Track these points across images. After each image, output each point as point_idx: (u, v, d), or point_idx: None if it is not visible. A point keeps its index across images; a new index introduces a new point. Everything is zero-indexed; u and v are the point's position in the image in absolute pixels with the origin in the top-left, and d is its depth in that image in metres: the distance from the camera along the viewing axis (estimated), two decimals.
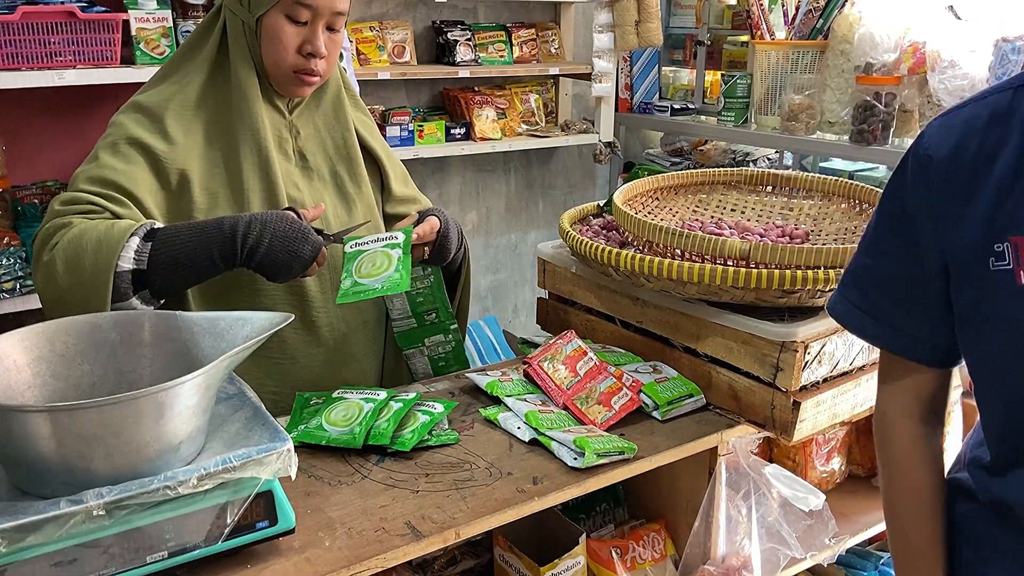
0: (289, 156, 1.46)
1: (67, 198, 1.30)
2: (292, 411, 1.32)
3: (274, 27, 1.35)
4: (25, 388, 0.99)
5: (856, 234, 1.56)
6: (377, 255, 1.33)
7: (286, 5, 1.34)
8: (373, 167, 1.58)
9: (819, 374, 1.29)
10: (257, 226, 1.26)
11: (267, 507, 0.96)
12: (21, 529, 0.81)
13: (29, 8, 2.17)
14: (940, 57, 2.81)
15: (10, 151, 2.52)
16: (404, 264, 1.31)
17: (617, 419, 1.28)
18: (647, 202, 1.67)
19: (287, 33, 1.35)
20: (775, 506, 1.34)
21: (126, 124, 1.36)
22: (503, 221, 3.94)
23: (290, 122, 1.46)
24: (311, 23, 1.36)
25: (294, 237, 1.27)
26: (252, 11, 1.36)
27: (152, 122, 1.36)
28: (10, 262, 2.25)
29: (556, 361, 1.36)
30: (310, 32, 1.36)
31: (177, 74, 1.41)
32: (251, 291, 1.39)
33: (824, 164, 3.85)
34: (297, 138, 1.47)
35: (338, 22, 1.39)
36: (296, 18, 1.35)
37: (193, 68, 1.41)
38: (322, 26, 1.37)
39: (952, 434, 1.63)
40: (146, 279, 1.23)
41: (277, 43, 1.36)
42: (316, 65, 1.38)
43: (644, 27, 3.45)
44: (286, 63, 1.37)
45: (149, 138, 1.34)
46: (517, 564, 1.29)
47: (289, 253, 1.27)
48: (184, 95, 1.39)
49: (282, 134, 1.44)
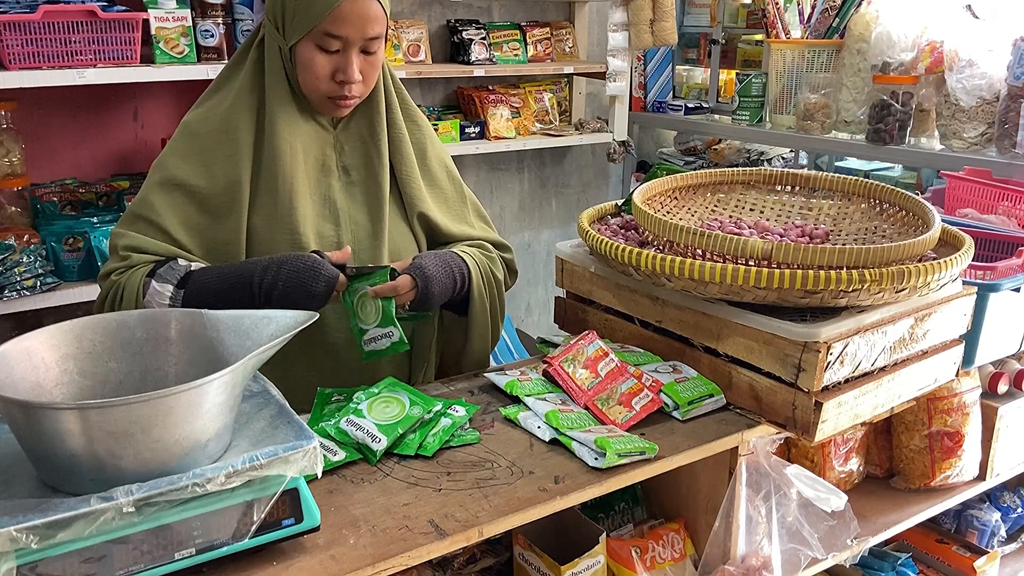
0: (332, 171, 1.48)
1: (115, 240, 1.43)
2: (313, 407, 1.32)
3: (306, 56, 1.38)
4: (53, 386, 1.00)
5: (877, 234, 1.56)
6: (367, 300, 1.38)
7: (316, 35, 1.36)
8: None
9: (841, 375, 1.29)
10: (272, 270, 1.32)
11: (293, 504, 0.96)
12: (52, 526, 0.82)
13: (50, 7, 2.19)
14: (958, 56, 2.79)
15: (30, 149, 2.54)
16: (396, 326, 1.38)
17: (638, 419, 1.28)
18: (666, 201, 1.67)
19: (318, 62, 1.38)
20: (795, 506, 1.33)
21: (173, 162, 1.42)
22: (516, 220, 3.94)
23: (335, 136, 1.48)
24: (343, 51, 1.38)
25: (306, 277, 1.31)
26: (287, 39, 1.39)
27: (196, 153, 1.41)
28: (30, 260, 2.27)
29: (577, 363, 1.36)
30: (343, 60, 1.37)
31: (222, 93, 1.46)
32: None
33: (839, 163, 3.83)
34: (342, 153, 1.49)
35: (373, 45, 1.39)
36: (327, 48, 1.37)
37: (235, 87, 1.44)
38: (355, 52, 1.38)
39: (970, 435, 1.63)
40: None
41: (309, 72, 1.39)
42: (350, 90, 1.40)
43: (659, 26, 3.45)
44: (319, 91, 1.40)
45: (191, 175, 1.41)
46: (537, 563, 1.29)
47: (303, 293, 1.31)
48: (222, 114, 1.43)
49: (326, 151, 1.47)
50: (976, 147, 2.84)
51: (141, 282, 1.35)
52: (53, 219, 2.45)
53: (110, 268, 1.40)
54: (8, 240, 2.24)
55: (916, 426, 1.63)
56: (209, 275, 1.36)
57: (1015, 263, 1.64)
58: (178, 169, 1.41)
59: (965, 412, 1.61)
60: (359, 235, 1.50)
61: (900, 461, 1.69)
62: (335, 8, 1.33)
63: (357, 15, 1.34)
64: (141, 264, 1.38)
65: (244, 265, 1.36)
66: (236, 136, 1.42)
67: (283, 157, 1.41)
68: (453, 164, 1.66)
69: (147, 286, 1.35)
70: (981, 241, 1.74)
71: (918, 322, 1.38)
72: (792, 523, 1.34)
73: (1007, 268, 1.62)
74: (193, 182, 1.40)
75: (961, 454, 1.63)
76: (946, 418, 1.60)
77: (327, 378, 1.44)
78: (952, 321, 1.45)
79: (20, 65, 2.20)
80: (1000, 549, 1.91)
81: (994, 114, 2.77)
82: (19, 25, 2.17)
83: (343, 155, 1.49)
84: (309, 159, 1.45)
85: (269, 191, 1.42)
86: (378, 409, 1.24)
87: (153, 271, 1.36)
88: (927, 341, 1.42)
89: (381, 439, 1.18)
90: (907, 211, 1.53)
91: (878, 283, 1.22)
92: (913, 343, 1.39)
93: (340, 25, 1.34)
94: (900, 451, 1.68)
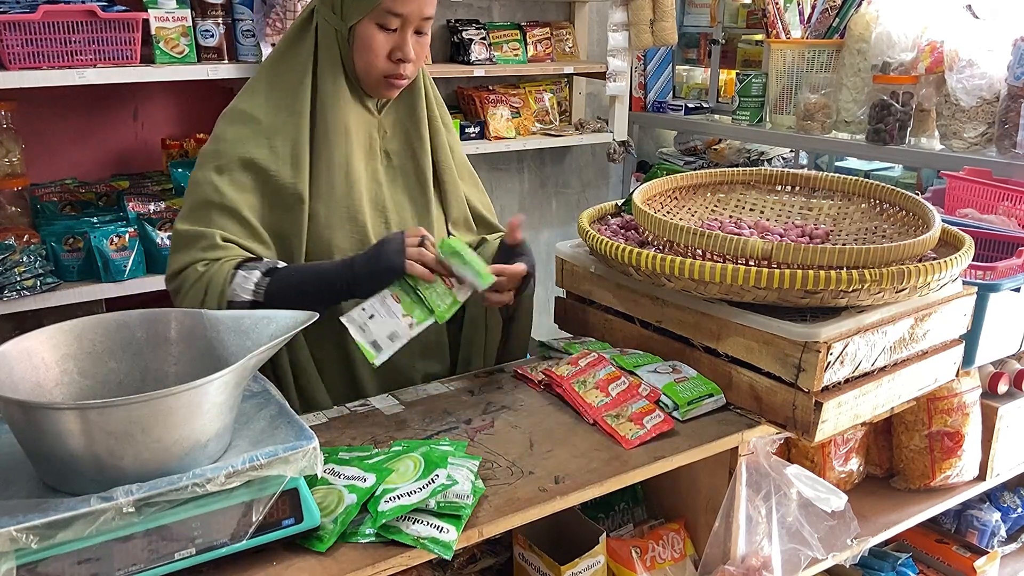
0: (376, 154, 1.52)
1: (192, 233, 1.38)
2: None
3: (366, 35, 1.41)
4: (53, 386, 1.00)
5: (877, 234, 1.56)
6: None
7: (378, 14, 1.40)
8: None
9: (841, 375, 1.29)
10: (350, 273, 1.33)
11: (292, 504, 0.96)
12: (52, 526, 0.82)
13: (50, 7, 2.18)
14: (958, 56, 2.79)
15: (30, 149, 2.54)
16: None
17: (648, 437, 1.26)
18: (666, 202, 1.67)
19: (378, 40, 1.41)
20: (795, 506, 1.33)
21: (235, 141, 1.42)
22: None
23: (379, 121, 1.52)
24: (400, 30, 1.42)
25: (379, 257, 1.32)
26: (345, 20, 1.42)
27: (262, 137, 1.42)
28: (30, 260, 2.27)
29: (588, 384, 1.36)
30: (400, 39, 1.42)
31: (277, 81, 1.47)
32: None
33: (840, 163, 3.83)
34: (384, 137, 1.53)
35: (425, 26, 1.45)
36: (387, 26, 1.41)
37: (290, 74, 1.46)
38: (411, 31, 1.42)
39: (970, 435, 1.63)
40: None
41: (368, 50, 1.42)
42: (404, 69, 1.44)
43: (659, 26, 3.45)
44: (377, 69, 1.43)
45: (258, 154, 1.41)
46: (537, 563, 1.29)
47: (385, 270, 1.32)
48: (284, 102, 1.44)
49: (372, 135, 1.51)
50: (976, 147, 2.84)
51: (228, 273, 1.34)
52: (53, 219, 2.44)
53: (191, 259, 1.37)
54: (8, 240, 2.24)
55: (916, 426, 1.63)
56: (292, 271, 1.38)
57: (1015, 263, 1.64)
58: (248, 151, 1.41)
59: (965, 412, 1.61)
60: (404, 216, 1.54)
61: (900, 461, 1.69)
62: None
63: None
64: (227, 259, 1.37)
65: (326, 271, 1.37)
66: (298, 123, 1.44)
67: (338, 138, 1.45)
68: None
69: (233, 276, 1.34)
70: (981, 241, 1.74)
71: (918, 322, 1.38)
72: (792, 523, 1.34)
73: (1007, 268, 1.62)
74: (265, 165, 1.41)
75: (961, 454, 1.63)
76: (946, 418, 1.60)
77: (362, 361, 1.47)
78: (952, 321, 1.45)
79: (20, 65, 2.20)
80: (1000, 549, 1.91)
81: (994, 114, 2.77)
82: (19, 25, 2.16)
83: (386, 139, 1.53)
84: (360, 141, 1.49)
85: (326, 172, 1.45)
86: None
87: (240, 264, 1.36)
88: (927, 341, 1.42)
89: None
90: (907, 211, 1.53)
91: (878, 283, 1.22)
92: (913, 343, 1.39)
93: (402, 3, 1.38)
94: (900, 451, 1.68)
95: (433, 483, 1.04)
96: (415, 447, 1.14)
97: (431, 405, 1.38)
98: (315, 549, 0.98)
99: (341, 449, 1.19)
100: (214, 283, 1.34)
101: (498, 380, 1.48)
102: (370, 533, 1.00)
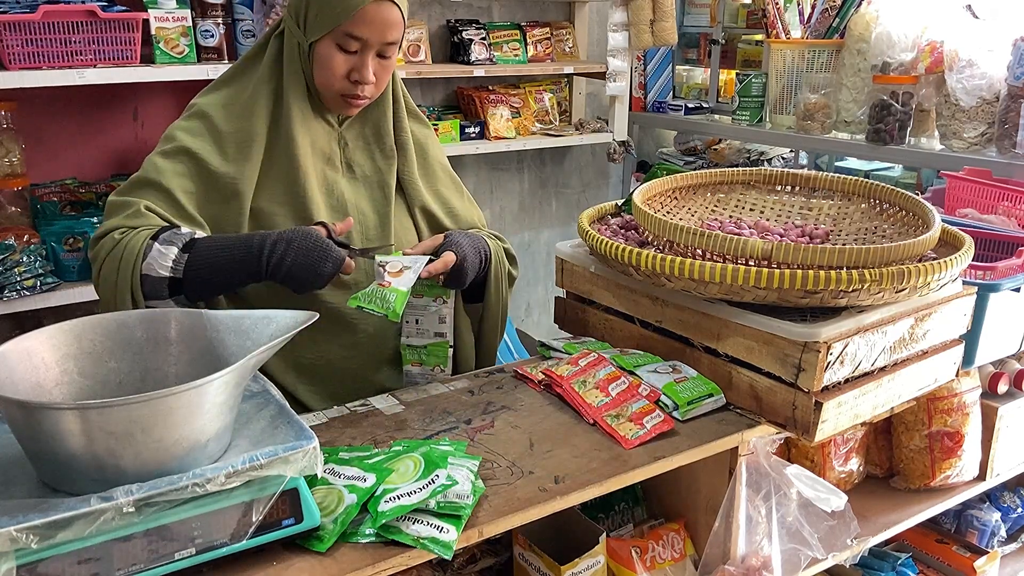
0: (337, 167, 1.52)
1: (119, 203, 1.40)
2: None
3: (325, 54, 1.42)
4: (53, 386, 1.00)
5: (877, 234, 1.56)
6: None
7: (338, 35, 1.40)
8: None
9: (841, 375, 1.29)
10: (282, 245, 1.32)
11: (292, 504, 0.96)
12: (52, 526, 0.82)
13: (50, 7, 2.19)
14: (958, 56, 2.79)
15: (30, 149, 2.54)
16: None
17: (648, 437, 1.26)
18: (666, 201, 1.67)
19: (336, 61, 1.41)
20: (795, 506, 1.33)
21: (183, 130, 1.44)
22: (516, 220, 3.94)
23: (339, 134, 1.52)
24: (361, 52, 1.42)
25: (316, 256, 1.32)
26: (307, 36, 1.42)
27: (208, 132, 1.44)
28: (30, 260, 2.27)
29: (588, 384, 1.36)
30: (359, 61, 1.42)
31: (238, 81, 1.49)
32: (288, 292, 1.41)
33: (839, 163, 3.83)
34: (345, 149, 1.52)
35: (389, 50, 1.44)
36: (346, 48, 1.41)
37: (253, 77, 1.47)
38: (372, 54, 1.42)
39: (970, 435, 1.63)
40: (182, 286, 1.33)
41: (326, 69, 1.42)
42: (363, 91, 1.44)
43: (659, 26, 3.45)
44: (334, 88, 1.44)
45: (198, 145, 1.42)
46: (537, 563, 1.29)
47: (309, 270, 1.32)
48: (240, 102, 1.45)
49: (332, 146, 1.51)
50: (976, 147, 2.84)
51: (144, 244, 1.32)
52: (53, 219, 2.44)
53: (111, 226, 1.36)
54: (8, 240, 2.24)
55: (916, 426, 1.63)
56: (215, 243, 1.35)
57: (1015, 263, 1.64)
58: (191, 142, 1.42)
59: (965, 412, 1.61)
60: (366, 225, 1.53)
61: (900, 461, 1.69)
62: (359, 10, 1.37)
63: (380, 19, 1.38)
64: (145, 227, 1.35)
65: (251, 237, 1.35)
66: (252, 124, 1.44)
67: (297, 146, 1.45)
68: (451, 167, 1.70)
69: (149, 248, 1.32)
70: (981, 241, 1.74)
71: (918, 322, 1.38)
72: (792, 523, 1.34)
73: (1007, 268, 1.62)
74: (204, 156, 1.42)
75: (961, 454, 1.63)
76: (946, 418, 1.60)
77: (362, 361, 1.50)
78: (952, 321, 1.45)
79: (20, 65, 2.20)
80: (1000, 549, 1.91)
81: (994, 114, 2.77)
82: (19, 25, 2.17)
83: (346, 151, 1.53)
84: (317, 151, 1.49)
85: (280, 177, 1.45)
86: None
87: (156, 235, 1.34)
88: (927, 341, 1.42)
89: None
90: (907, 211, 1.53)
91: (878, 283, 1.22)
92: (913, 343, 1.39)
93: (362, 27, 1.38)
94: (900, 451, 1.68)
95: (433, 483, 1.04)
96: (415, 447, 1.15)
97: (431, 405, 1.38)
98: (315, 549, 0.98)
99: (341, 449, 1.19)
100: (128, 252, 1.32)
101: (498, 380, 1.48)
102: (370, 533, 1.00)
